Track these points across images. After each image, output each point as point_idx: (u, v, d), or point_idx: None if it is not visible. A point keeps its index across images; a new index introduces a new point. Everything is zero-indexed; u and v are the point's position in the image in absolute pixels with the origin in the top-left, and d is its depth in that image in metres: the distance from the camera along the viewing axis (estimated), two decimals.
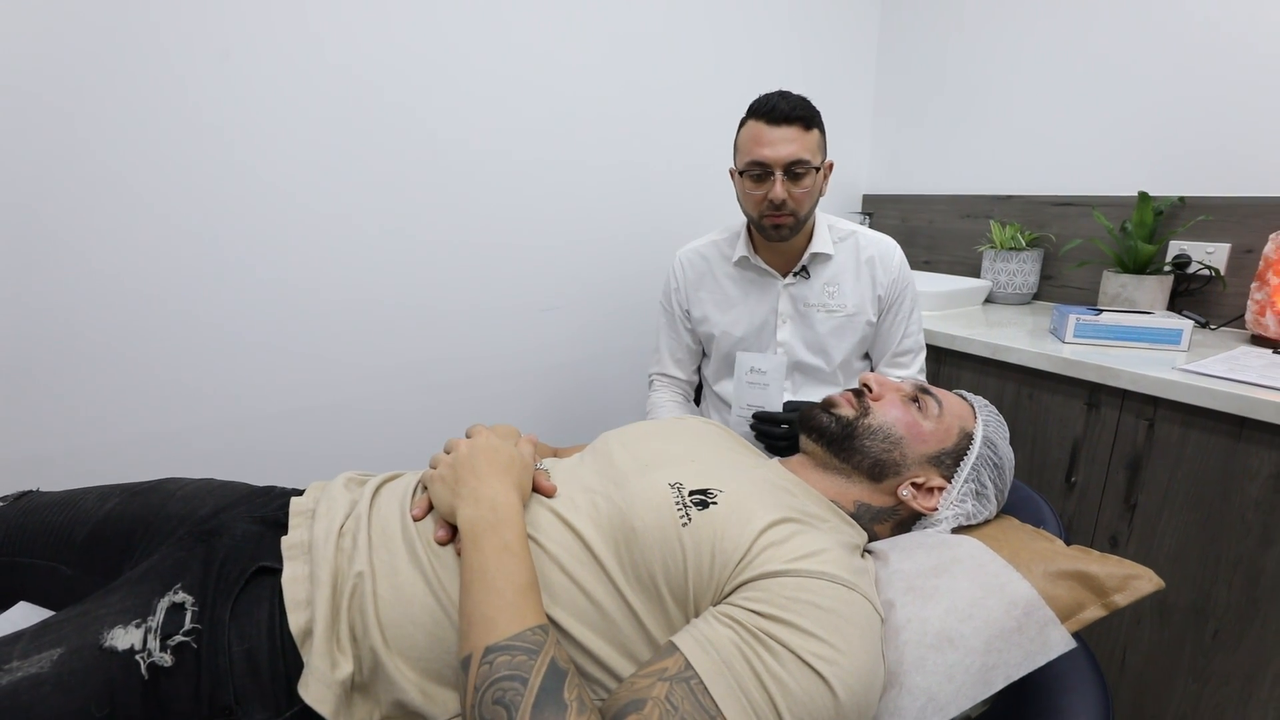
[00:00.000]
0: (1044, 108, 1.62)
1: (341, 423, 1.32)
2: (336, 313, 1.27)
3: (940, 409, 0.73)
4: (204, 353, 1.15)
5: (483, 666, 0.48)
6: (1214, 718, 1.08)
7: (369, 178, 1.25)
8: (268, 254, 1.17)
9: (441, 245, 1.36)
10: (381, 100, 1.23)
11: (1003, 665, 0.57)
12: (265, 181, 1.15)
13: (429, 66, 1.27)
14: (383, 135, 1.24)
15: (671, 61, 1.58)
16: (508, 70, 1.36)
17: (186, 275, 1.11)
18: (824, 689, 0.49)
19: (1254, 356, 1.12)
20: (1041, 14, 1.59)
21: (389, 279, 1.31)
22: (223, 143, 1.10)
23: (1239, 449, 1.00)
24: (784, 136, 1.00)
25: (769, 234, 1.09)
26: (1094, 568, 0.61)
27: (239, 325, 1.17)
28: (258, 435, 1.23)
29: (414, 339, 1.37)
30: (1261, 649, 1.01)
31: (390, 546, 0.61)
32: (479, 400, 1.49)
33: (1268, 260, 1.19)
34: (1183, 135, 1.38)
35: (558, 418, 1.64)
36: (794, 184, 1.02)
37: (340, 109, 1.19)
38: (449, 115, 1.31)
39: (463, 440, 0.67)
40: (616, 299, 1.64)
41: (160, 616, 0.54)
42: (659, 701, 0.48)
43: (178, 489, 0.76)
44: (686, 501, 0.60)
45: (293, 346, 1.23)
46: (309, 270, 1.22)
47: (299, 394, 1.26)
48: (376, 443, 1.38)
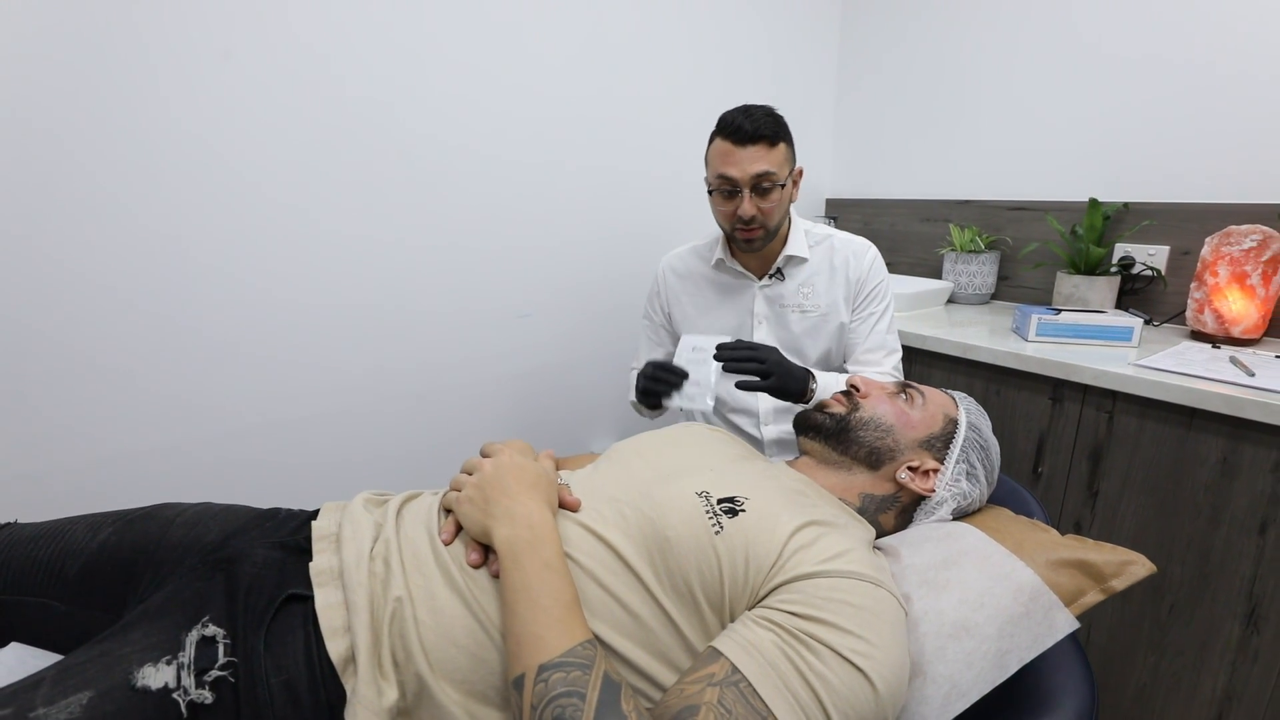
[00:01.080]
0: (998, 117, 1.71)
1: (315, 437, 1.29)
2: (307, 322, 1.23)
3: (924, 399, 0.78)
4: (171, 366, 1.11)
5: (538, 685, 0.48)
6: (1171, 687, 1.16)
7: (339, 180, 1.22)
8: (232, 261, 1.13)
9: (415, 251, 1.34)
10: (352, 100, 1.20)
11: (1015, 649, 0.61)
12: (231, 183, 1.12)
13: (403, 66, 1.25)
14: (353, 137, 1.22)
15: (644, 67, 1.60)
16: (483, 72, 1.35)
17: (156, 281, 1.07)
18: (864, 683, 0.52)
19: (1197, 351, 1.22)
20: (995, 28, 1.68)
21: (360, 286, 1.28)
22: (199, 145, 1.07)
23: (1190, 437, 1.08)
24: (750, 156, 1.03)
25: (741, 246, 1.13)
26: (1092, 555, 0.65)
27: (203, 336, 1.13)
28: (226, 452, 1.19)
29: (388, 348, 1.35)
30: (1212, 620, 1.10)
31: (424, 570, 0.60)
32: (456, 408, 1.47)
33: (1205, 262, 1.30)
34: (1126, 144, 1.48)
35: (537, 424, 1.64)
36: (762, 199, 1.06)
37: (311, 109, 1.17)
38: (422, 117, 1.29)
39: (486, 459, 0.67)
40: (594, 304, 1.65)
41: (191, 651, 0.52)
42: (712, 706, 0.49)
43: (176, 515, 0.73)
44: (716, 510, 0.62)
45: (260, 358, 1.19)
46: (275, 277, 1.18)
47: (270, 408, 1.22)
48: (354, 457, 1.35)
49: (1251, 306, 1.25)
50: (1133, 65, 1.45)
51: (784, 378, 0.99)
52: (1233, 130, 1.33)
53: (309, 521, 0.70)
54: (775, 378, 0.97)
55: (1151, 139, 1.44)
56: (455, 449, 1.49)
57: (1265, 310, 1.25)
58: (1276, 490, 1.00)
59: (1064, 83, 1.57)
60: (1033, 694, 0.70)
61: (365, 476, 1.36)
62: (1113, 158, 1.50)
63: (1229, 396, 1.01)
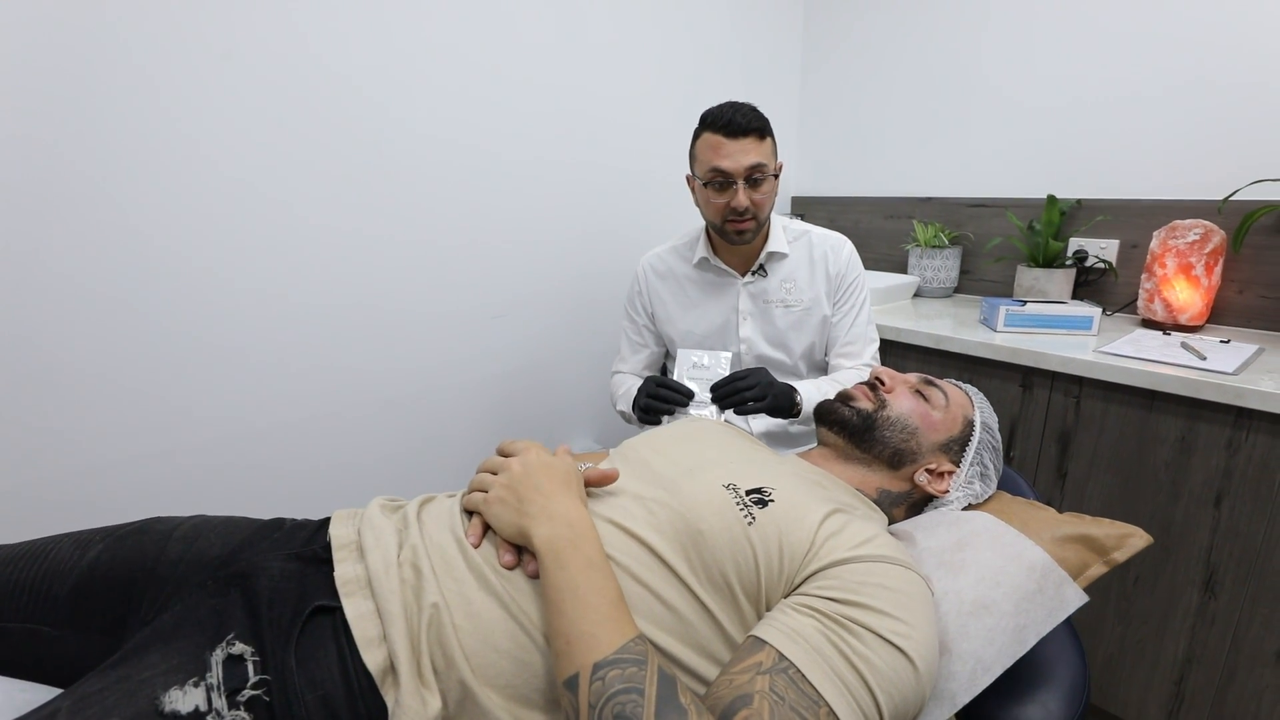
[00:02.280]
0: (958, 116, 1.78)
1: (284, 445, 1.23)
2: (271, 327, 1.18)
3: (947, 400, 0.79)
4: (143, 373, 1.05)
5: (594, 683, 0.48)
6: (1136, 653, 1.24)
7: (313, 176, 1.17)
8: (196, 260, 1.08)
9: (384, 252, 1.30)
10: (324, 95, 1.16)
11: (1032, 624, 0.64)
12: (207, 181, 1.06)
13: (375, 60, 1.22)
14: (325, 131, 1.17)
15: (616, 65, 1.59)
16: (456, 68, 1.32)
17: (131, 284, 1.01)
18: (906, 663, 0.53)
19: (1151, 338, 1.30)
20: (954, 32, 1.75)
21: (328, 287, 1.23)
22: (178, 144, 1.01)
23: (1150, 419, 1.15)
24: (742, 148, 1.06)
25: (732, 239, 1.14)
26: (1093, 530, 0.69)
27: (173, 341, 1.07)
28: (197, 460, 1.13)
29: (358, 352, 1.30)
30: (1173, 589, 1.17)
31: (455, 575, 0.59)
32: (430, 412, 1.44)
33: (1154, 254, 1.38)
34: (1079, 144, 1.57)
35: (514, 426, 1.61)
36: (754, 190, 1.08)
37: (285, 104, 1.12)
38: (393, 111, 1.25)
39: (511, 458, 0.66)
40: (568, 302, 1.64)
41: (219, 671, 0.49)
42: (765, 694, 0.50)
43: (171, 529, 0.69)
44: (746, 501, 0.62)
45: (229, 365, 1.14)
46: (242, 277, 1.13)
47: (238, 415, 1.17)
48: (332, 464, 1.30)
49: (1196, 295, 1.34)
50: (1085, 68, 1.53)
51: (777, 398, 1.04)
52: (1176, 131, 1.42)
53: (320, 530, 0.68)
54: (770, 399, 1.03)
55: (1102, 139, 1.53)
56: (431, 453, 1.45)
57: (1208, 299, 1.35)
58: (1229, 465, 1.08)
59: (1020, 84, 1.64)
60: (1028, 666, 0.74)
61: (338, 484, 1.31)
62: (1067, 156, 1.59)
63: (1186, 379, 1.08)
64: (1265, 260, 1.35)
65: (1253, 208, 1.29)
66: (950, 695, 0.61)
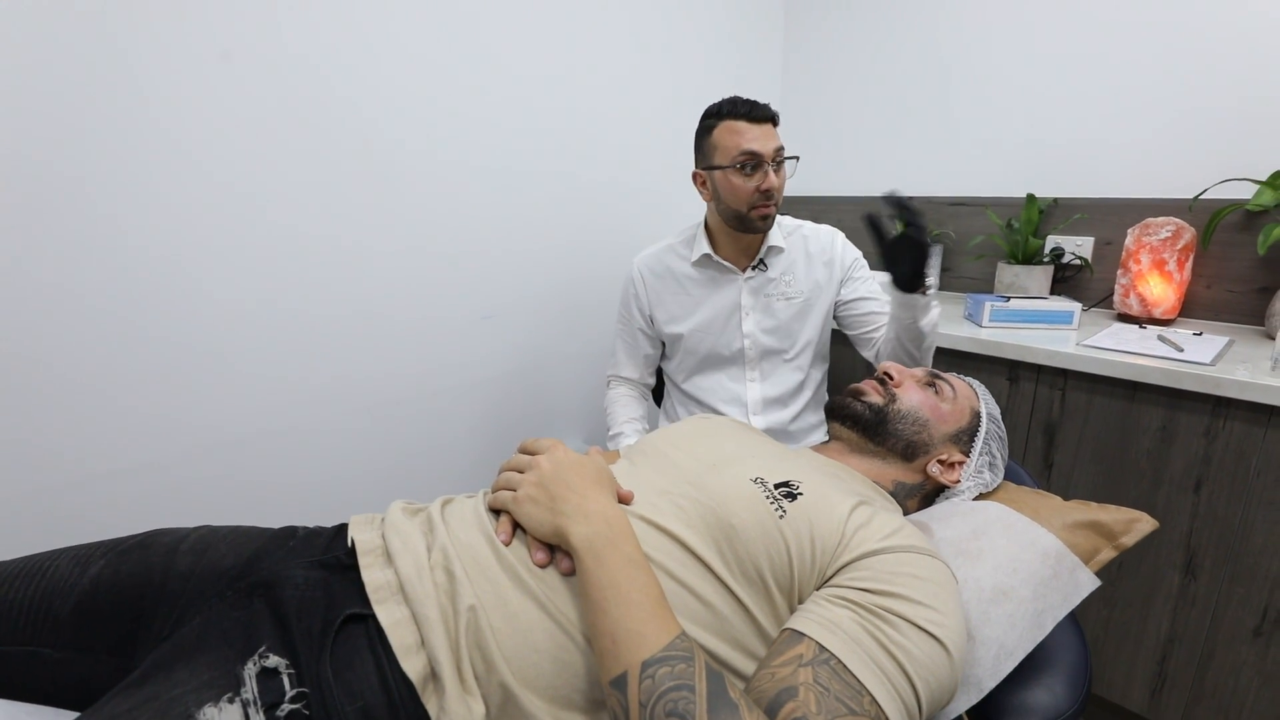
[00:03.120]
0: (938, 117, 1.82)
1: (268, 454, 1.19)
2: (254, 333, 1.14)
3: (954, 392, 0.81)
4: (123, 381, 1.00)
5: (644, 682, 0.48)
6: (1120, 636, 1.28)
7: (297, 181, 1.14)
8: (177, 265, 1.04)
9: (373, 255, 1.27)
10: (309, 100, 1.13)
11: (1050, 608, 0.66)
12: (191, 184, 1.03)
13: (362, 66, 1.19)
14: (313, 137, 1.14)
15: (597, 69, 1.59)
16: (444, 72, 1.30)
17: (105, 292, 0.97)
18: (940, 650, 0.54)
19: (1129, 332, 1.35)
20: (934, 33, 1.79)
21: (315, 293, 1.20)
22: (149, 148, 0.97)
23: (1132, 409, 1.20)
24: (766, 133, 1.11)
25: (756, 225, 1.15)
26: (1101, 516, 0.71)
27: (160, 350, 1.03)
28: (183, 472, 1.09)
29: (350, 358, 1.27)
30: (1156, 573, 1.22)
31: (489, 576, 0.58)
32: (420, 417, 1.41)
33: (1129, 251, 1.44)
34: (1056, 144, 1.62)
35: (505, 430, 1.60)
36: (778, 173, 1.12)
37: (267, 109, 1.08)
38: (381, 116, 1.23)
39: (539, 456, 0.65)
40: (559, 305, 1.63)
41: (254, 685, 0.48)
42: (810, 686, 0.50)
43: (178, 542, 0.66)
44: (775, 495, 0.63)
45: (209, 373, 1.10)
46: (230, 284, 1.09)
47: (218, 424, 1.12)
48: (322, 472, 1.27)
49: (1169, 290, 1.39)
50: (1061, 71, 1.58)
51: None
52: (1149, 132, 1.48)
53: (338, 537, 0.66)
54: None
55: (1078, 139, 1.58)
56: (421, 459, 1.43)
57: (1180, 293, 1.41)
58: (1208, 452, 1.13)
59: (998, 85, 1.69)
60: (1033, 651, 0.76)
61: (329, 491, 1.28)
62: (1044, 156, 1.64)
63: (1167, 370, 1.12)
64: (1231, 256, 1.42)
65: (1220, 206, 1.35)
66: (976, 681, 0.62)
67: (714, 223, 1.23)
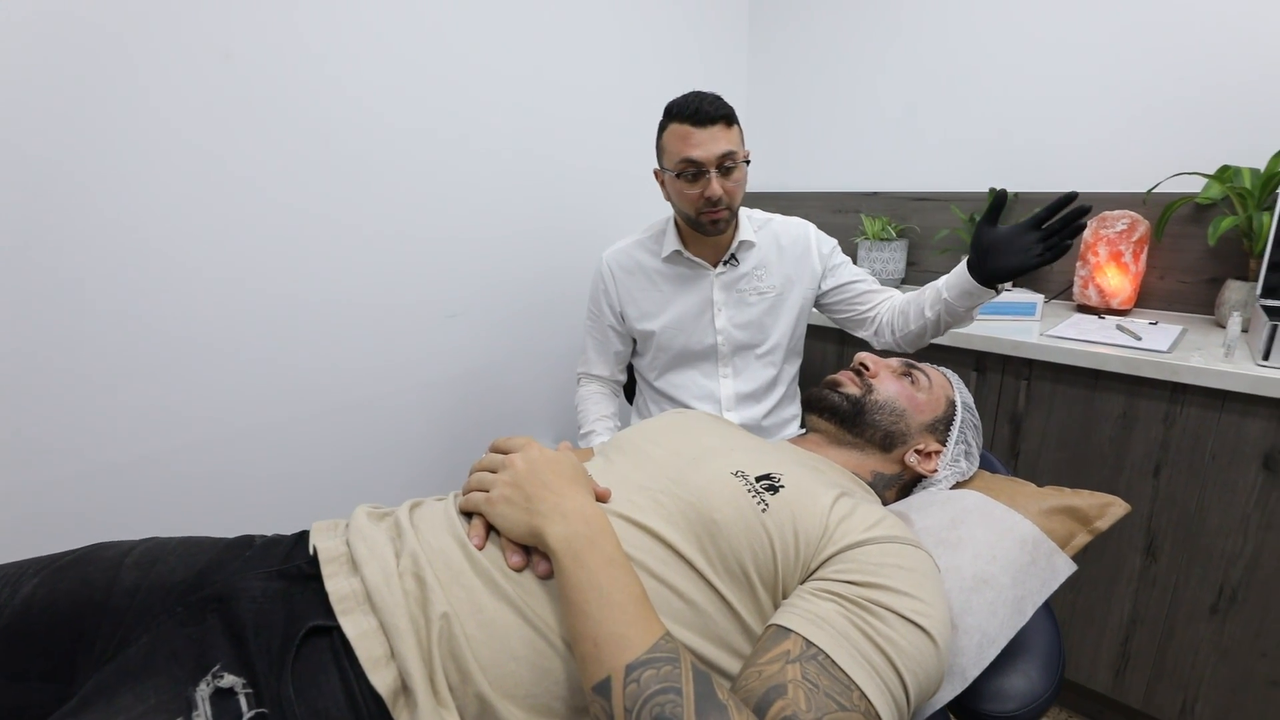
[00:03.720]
0: (901, 113, 1.84)
1: (222, 459, 1.13)
2: (214, 332, 1.08)
3: (930, 382, 0.81)
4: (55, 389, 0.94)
5: (629, 686, 0.46)
6: (1085, 618, 1.31)
7: (247, 168, 1.08)
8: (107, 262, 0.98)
9: (332, 249, 1.21)
10: (263, 87, 1.08)
11: (1030, 594, 0.66)
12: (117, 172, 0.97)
13: (325, 52, 1.14)
14: (256, 131, 1.08)
15: (568, 61, 1.56)
16: (408, 57, 1.26)
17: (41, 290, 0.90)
18: (927, 640, 0.53)
19: (1089, 322, 1.38)
20: (897, 29, 1.81)
21: (267, 287, 1.14)
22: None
23: (1095, 397, 1.22)
24: (711, 136, 1.05)
25: (707, 230, 1.13)
26: (1076, 501, 0.72)
27: (91, 350, 0.96)
28: (120, 481, 1.02)
29: (308, 356, 1.22)
30: (1119, 556, 1.25)
31: (463, 581, 0.55)
32: (384, 415, 1.36)
33: (1087, 243, 1.47)
34: (1015, 140, 1.65)
35: (471, 430, 1.55)
36: (726, 178, 1.08)
37: (219, 94, 1.03)
38: (336, 100, 1.17)
39: (513, 455, 0.62)
40: (525, 300, 1.59)
41: (207, 709, 0.44)
42: (799, 683, 0.49)
43: (121, 555, 0.61)
44: (757, 488, 0.62)
45: (162, 374, 1.04)
46: (179, 284, 1.03)
47: (177, 429, 1.06)
48: (275, 475, 1.21)
49: (1126, 281, 1.43)
50: (1020, 68, 1.62)
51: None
52: (1105, 128, 1.52)
53: (298, 545, 0.62)
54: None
55: (1037, 135, 1.62)
56: (383, 461, 1.38)
57: (1136, 284, 1.45)
58: (1166, 437, 1.16)
59: (961, 82, 1.72)
60: None
61: (282, 496, 1.22)
62: (1005, 152, 1.67)
63: (1127, 358, 1.15)
64: (1182, 248, 1.47)
65: (1172, 199, 1.39)
66: (961, 670, 0.62)
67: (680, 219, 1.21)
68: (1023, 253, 0.90)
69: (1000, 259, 0.92)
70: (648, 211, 1.27)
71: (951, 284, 1.02)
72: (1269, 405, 1.05)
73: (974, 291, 0.99)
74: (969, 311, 1.04)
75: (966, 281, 0.99)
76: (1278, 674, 1.12)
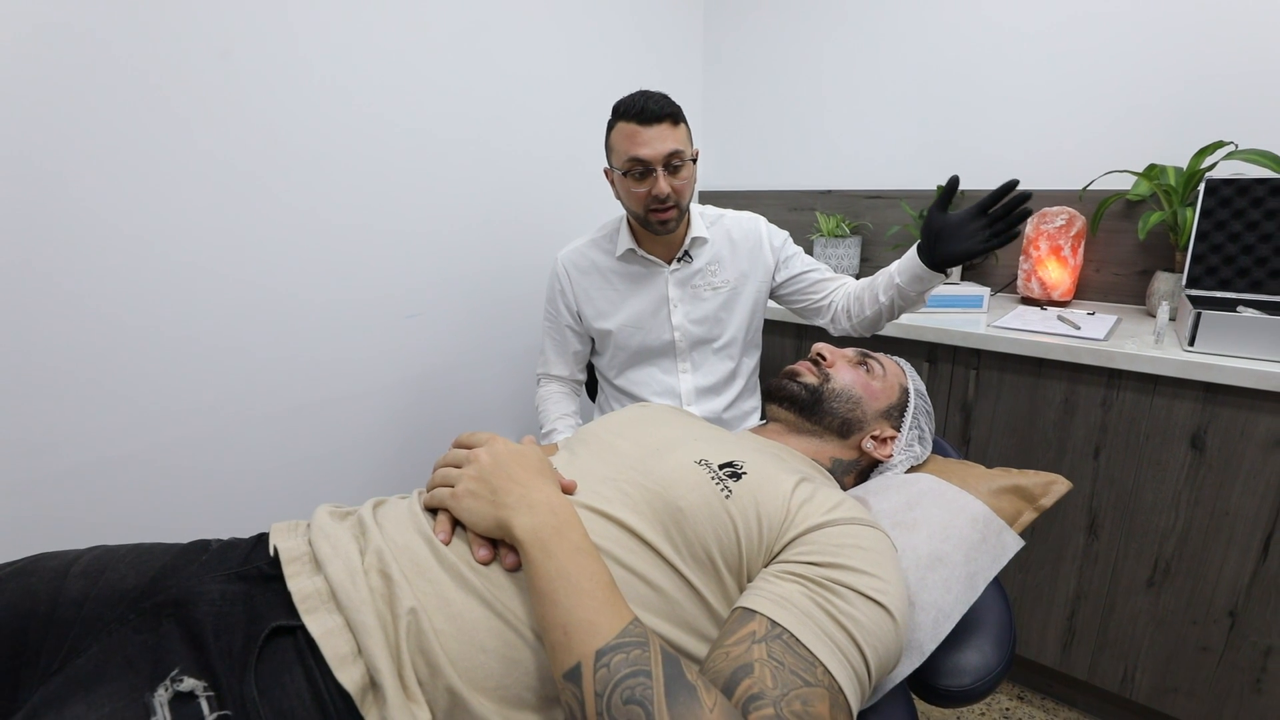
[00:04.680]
0: (853, 112, 1.89)
1: (184, 464, 1.10)
2: (166, 333, 1.05)
3: (884, 370, 0.84)
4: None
5: (599, 671, 0.46)
6: (1034, 599, 1.37)
7: (200, 162, 1.05)
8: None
9: (286, 247, 1.18)
10: (211, 81, 1.04)
11: (981, 570, 0.69)
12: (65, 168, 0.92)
13: (270, 39, 1.11)
14: (208, 117, 1.05)
15: (522, 56, 1.55)
16: (362, 49, 1.23)
17: None
18: (886, 616, 0.55)
19: (1032, 313, 1.45)
20: (847, 31, 1.86)
21: (221, 286, 1.11)
22: None
23: (1039, 384, 1.28)
24: (658, 135, 1.06)
25: (656, 229, 1.14)
26: (1022, 480, 0.76)
27: (41, 356, 0.92)
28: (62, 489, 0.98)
29: (262, 356, 1.18)
30: (1063, 535, 1.31)
31: (429, 576, 0.54)
32: (341, 417, 1.33)
33: (1029, 238, 1.54)
34: (961, 139, 1.72)
35: (430, 430, 1.53)
36: (674, 176, 1.09)
37: (160, 84, 0.99)
38: (293, 95, 1.15)
39: (478, 450, 0.62)
40: (483, 299, 1.58)
41: (166, 713, 0.43)
42: (764, 661, 0.50)
43: (66, 565, 0.59)
44: (720, 475, 0.63)
45: (109, 379, 0.99)
46: (130, 286, 0.99)
47: (125, 437, 1.02)
48: (232, 485, 1.17)
49: (1065, 274, 1.50)
50: (963, 71, 1.68)
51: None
52: (1044, 127, 1.60)
53: (258, 547, 0.61)
54: None
55: (981, 134, 1.68)
56: (339, 462, 1.35)
57: (1074, 276, 1.52)
58: (1105, 420, 1.22)
59: (907, 83, 1.78)
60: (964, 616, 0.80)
61: (237, 501, 1.18)
62: (951, 150, 1.74)
63: (1067, 347, 1.21)
64: (1115, 243, 1.55)
65: (1105, 196, 1.47)
66: (918, 645, 0.64)
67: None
68: (970, 239, 0.93)
69: (950, 244, 0.96)
70: (600, 212, 1.27)
71: (903, 269, 1.05)
72: (1194, 388, 1.12)
73: (925, 276, 1.03)
74: (921, 295, 1.07)
75: (918, 266, 1.02)
76: (1207, 640, 1.19)
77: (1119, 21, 1.47)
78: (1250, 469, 1.10)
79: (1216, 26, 1.38)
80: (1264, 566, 1.11)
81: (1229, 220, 1.26)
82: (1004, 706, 1.45)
